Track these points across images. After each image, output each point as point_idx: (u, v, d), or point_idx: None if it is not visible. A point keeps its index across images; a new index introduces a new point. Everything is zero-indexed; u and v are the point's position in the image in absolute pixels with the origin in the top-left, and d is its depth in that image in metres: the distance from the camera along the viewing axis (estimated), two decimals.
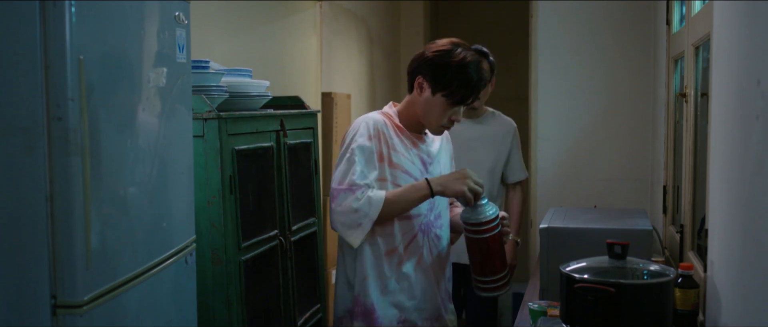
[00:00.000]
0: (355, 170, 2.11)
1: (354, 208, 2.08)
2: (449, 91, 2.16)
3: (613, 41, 3.65)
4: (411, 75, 2.23)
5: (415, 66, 2.21)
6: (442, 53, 2.17)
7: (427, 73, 2.17)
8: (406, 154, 2.21)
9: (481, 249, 2.25)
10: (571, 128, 3.71)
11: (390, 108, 2.29)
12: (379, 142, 2.16)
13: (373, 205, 2.09)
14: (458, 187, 2.15)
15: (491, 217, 2.21)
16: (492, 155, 3.33)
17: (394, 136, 2.21)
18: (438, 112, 2.19)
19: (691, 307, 2.05)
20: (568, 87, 3.71)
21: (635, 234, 2.35)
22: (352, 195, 2.09)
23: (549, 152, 3.72)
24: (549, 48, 3.72)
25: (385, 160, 2.17)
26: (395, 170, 2.18)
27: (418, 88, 2.19)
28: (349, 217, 2.10)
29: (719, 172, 1.91)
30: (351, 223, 2.10)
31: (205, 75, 2.24)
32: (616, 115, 3.65)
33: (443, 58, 2.16)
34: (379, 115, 2.23)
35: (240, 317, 2.23)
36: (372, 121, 2.18)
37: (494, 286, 2.30)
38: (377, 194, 2.11)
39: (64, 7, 1.39)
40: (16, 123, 1.41)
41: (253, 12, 3.47)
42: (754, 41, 1.55)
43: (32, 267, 1.42)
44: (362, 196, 2.09)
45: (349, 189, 2.10)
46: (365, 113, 2.31)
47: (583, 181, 3.69)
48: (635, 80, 3.63)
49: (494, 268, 2.28)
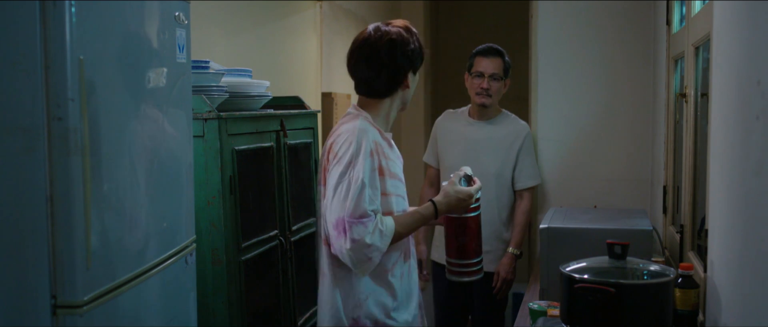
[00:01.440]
0: (364, 197, 2.01)
1: (368, 243, 2.00)
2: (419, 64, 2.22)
3: (613, 41, 3.64)
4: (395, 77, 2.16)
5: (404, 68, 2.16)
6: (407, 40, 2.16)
7: (410, 65, 2.18)
8: (394, 160, 2.18)
9: (459, 229, 2.24)
10: (571, 128, 3.70)
11: (364, 112, 2.19)
12: (378, 156, 2.09)
13: (385, 237, 2.04)
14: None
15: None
16: (498, 159, 3.27)
17: (384, 144, 2.15)
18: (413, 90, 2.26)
19: (691, 308, 2.05)
20: (568, 87, 3.71)
21: (635, 234, 2.35)
22: (364, 228, 2.00)
23: (549, 152, 3.71)
24: (549, 48, 3.72)
25: (385, 173, 2.10)
26: (393, 180, 2.14)
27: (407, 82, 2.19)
28: (361, 252, 2.01)
29: (719, 173, 1.91)
30: (362, 258, 2.02)
31: (205, 75, 2.24)
32: (616, 115, 3.65)
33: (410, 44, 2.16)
34: (367, 123, 2.13)
35: (240, 317, 2.23)
36: (369, 133, 2.09)
37: (467, 270, 2.27)
38: (387, 226, 2.05)
39: (64, 7, 1.39)
40: (16, 123, 1.41)
41: (253, 12, 3.47)
42: (754, 41, 1.55)
43: (32, 267, 1.42)
44: (374, 229, 2.01)
45: (361, 223, 2.00)
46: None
47: (583, 181, 3.69)
48: (635, 80, 3.62)
49: (469, 251, 2.26)
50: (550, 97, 3.72)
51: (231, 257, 2.20)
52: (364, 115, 2.16)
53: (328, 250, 2.11)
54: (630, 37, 3.62)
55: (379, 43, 2.13)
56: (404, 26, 2.19)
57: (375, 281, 2.13)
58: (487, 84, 3.24)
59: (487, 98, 3.25)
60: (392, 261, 2.16)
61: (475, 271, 2.28)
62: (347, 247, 2.00)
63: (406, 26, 2.20)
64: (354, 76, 2.20)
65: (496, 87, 3.26)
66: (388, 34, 2.14)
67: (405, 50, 2.14)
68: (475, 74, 3.29)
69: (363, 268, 2.05)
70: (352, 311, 2.11)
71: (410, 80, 2.20)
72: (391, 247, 2.11)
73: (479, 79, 3.27)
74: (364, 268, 2.06)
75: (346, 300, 2.11)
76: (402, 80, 2.17)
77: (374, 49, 2.13)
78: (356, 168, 2.03)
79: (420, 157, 3.74)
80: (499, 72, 3.27)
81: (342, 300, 2.12)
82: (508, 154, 3.28)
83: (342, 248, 2.01)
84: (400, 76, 2.16)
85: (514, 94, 3.73)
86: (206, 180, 2.15)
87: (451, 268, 2.29)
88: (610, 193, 3.63)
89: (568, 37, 3.70)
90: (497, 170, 3.26)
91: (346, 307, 2.11)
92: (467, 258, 2.26)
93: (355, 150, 2.04)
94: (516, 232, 3.27)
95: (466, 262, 2.26)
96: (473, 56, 3.35)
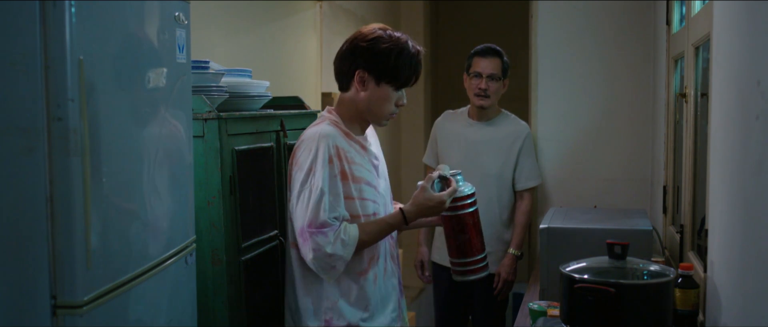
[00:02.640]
0: (324, 206, 2.01)
1: (328, 252, 2.01)
2: (394, 76, 2.10)
3: (613, 41, 3.65)
4: (346, 72, 2.14)
5: (350, 61, 2.12)
6: (377, 40, 2.10)
7: (367, 64, 2.10)
8: (362, 164, 2.14)
9: (456, 227, 2.21)
10: (571, 128, 3.70)
11: (332, 114, 2.19)
12: (340, 161, 2.07)
13: (347, 247, 2.04)
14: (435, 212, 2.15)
15: (467, 193, 2.19)
16: (498, 161, 3.25)
17: (349, 148, 2.12)
18: (385, 102, 2.14)
19: (691, 308, 2.05)
20: (568, 87, 3.71)
21: (635, 234, 2.35)
22: (324, 238, 2.01)
23: (549, 152, 3.71)
24: (549, 48, 3.72)
25: (348, 178, 2.09)
26: (359, 185, 2.12)
27: (359, 82, 2.12)
28: (324, 261, 2.03)
29: (719, 172, 1.91)
30: (325, 266, 2.04)
31: (205, 75, 2.24)
32: (616, 115, 3.65)
33: (380, 45, 2.09)
34: (331, 128, 2.11)
35: (240, 317, 2.23)
36: (328, 138, 2.07)
37: (471, 269, 2.25)
38: (350, 235, 2.04)
39: (64, 8, 1.39)
40: (16, 123, 1.41)
41: (253, 12, 3.47)
42: (754, 41, 1.55)
43: (32, 267, 1.42)
44: (335, 238, 2.01)
45: (320, 232, 2.01)
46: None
47: (583, 181, 3.69)
48: (635, 80, 3.62)
49: (471, 248, 2.23)
50: (550, 97, 3.72)
51: (231, 257, 2.20)
52: (333, 118, 2.16)
53: (297, 254, 2.13)
54: (630, 37, 3.62)
55: (352, 34, 2.16)
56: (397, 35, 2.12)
57: (346, 284, 2.14)
58: (485, 84, 3.22)
59: (485, 99, 3.23)
60: (364, 264, 2.16)
61: (479, 268, 2.26)
62: (310, 256, 2.02)
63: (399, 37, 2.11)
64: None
65: (494, 87, 3.23)
66: (368, 29, 2.14)
67: (357, 46, 2.11)
68: (473, 75, 3.27)
69: (328, 275, 2.08)
70: (323, 314, 2.12)
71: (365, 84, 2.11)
72: (364, 251, 2.13)
73: (477, 80, 3.25)
74: (329, 276, 2.08)
75: (318, 302, 2.13)
76: (349, 75, 2.13)
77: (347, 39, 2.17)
78: (316, 176, 2.03)
79: (420, 157, 3.74)
80: (498, 72, 3.24)
81: (313, 303, 2.13)
82: (509, 154, 3.26)
83: (306, 256, 2.04)
84: (346, 69, 2.13)
85: (514, 94, 3.73)
86: (206, 180, 2.15)
87: (455, 268, 2.28)
88: (610, 193, 3.63)
89: (568, 38, 3.71)
90: (498, 171, 3.24)
91: (318, 310, 2.12)
92: (469, 256, 2.24)
93: (313, 157, 2.04)
94: (516, 233, 3.26)
95: (468, 260, 2.24)
96: (471, 57, 3.33)
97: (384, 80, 2.11)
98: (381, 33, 2.12)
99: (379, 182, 2.23)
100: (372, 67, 2.11)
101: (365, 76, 2.12)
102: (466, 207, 2.20)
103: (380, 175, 2.25)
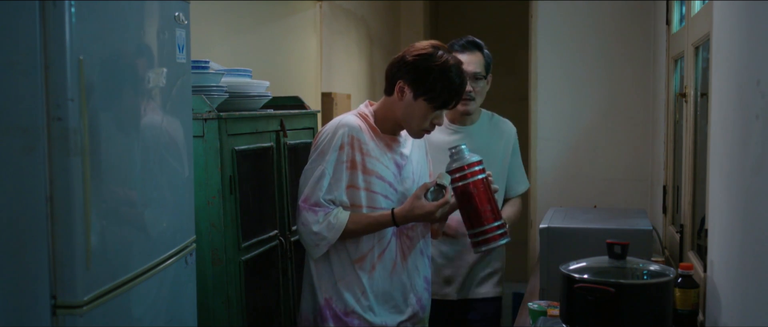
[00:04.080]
0: (321, 186, 2.13)
1: (314, 230, 2.13)
2: (432, 96, 2.15)
3: (612, 41, 3.65)
4: (390, 79, 2.21)
5: (396, 70, 2.19)
6: (423, 57, 2.15)
7: (408, 77, 2.16)
8: (380, 159, 2.20)
9: (467, 196, 2.18)
10: (571, 128, 3.71)
11: (366, 107, 2.26)
12: (353, 150, 2.14)
13: (332, 230, 2.13)
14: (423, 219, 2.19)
15: (476, 159, 2.19)
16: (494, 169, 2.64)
17: (369, 141, 2.18)
18: (420, 117, 2.18)
19: (691, 307, 2.05)
20: (568, 87, 3.71)
21: (635, 234, 2.35)
22: (313, 216, 2.12)
23: (549, 152, 3.71)
24: (549, 48, 3.72)
25: (358, 168, 2.15)
26: (369, 176, 2.18)
27: (399, 92, 2.18)
28: (309, 237, 2.15)
29: (719, 172, 1.91)
30: (310, 242, 2.16)
31: (205, 75, 2.24)
32: (615, 115, 3.65)
33: (425, 62, 2.15)
34: (354, 119, 2.20)
35: (240, 317, 2.23)
36: (347, 127, 2.15)
37: (485, 237, 2.20)
38: (339, 220, 2.12)
39: (64, 8, 1.39)
40: (16, 123, 1.41)
41: (253, 12, 3.47)
42: (754, 41, 1.55)
43: (32, 267, 1.43)
44: (323, 219, 2.12)
45: (312, 210, 2.13)
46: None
47: (582, 181, 3.69)
48: (635, 80, 3.63)
49: (485, 215, 2.19)
50: (549, 97, 3.72)
51: (231, 257, 2.20)
52: (364, 112, 2.24)
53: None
54: (630, 37, 3.62)
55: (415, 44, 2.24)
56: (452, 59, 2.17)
57: (342, 268, 2.21)
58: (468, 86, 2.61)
59: (470, 103, 2.69)
60: (360, 252, 2.20)
61: (498, 235, 2.20)
62: (298, 230, 2.17)
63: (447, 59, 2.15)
64: None
65: (479, 88, 2.71)
66: (414, 45, 2.23)
67: (405, 57, 2.19)
68: None
69: (312, 251, 2.19)
70: (325, 292, 2.21)
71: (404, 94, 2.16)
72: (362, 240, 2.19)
73: None
74: (312, 252, 2.19)
75: (321, 280, 2.21)
76: (393, 81, 2.20)
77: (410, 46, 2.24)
78: (324, 157, 2.14)
79: None
80: (481, 70, 2.70)
81: (317, 278, 2.22)
82: (503, 161, 2.81)
83: (298, 228, 2.18)
84: (391, 76, 2.21)
85: (514, 94, 3.73)
86: (206, 180, 2.15)
87: (473, 240, 2.23)
88: (610, 192, 3.63)
89: (567, 38, 3.71)
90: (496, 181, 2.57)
91: (321, 286, 2.21)
92: (483, 224, 2.19)
93: (328, 140, 2.15)
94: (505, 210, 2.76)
95: (481, 229, 2.19)
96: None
97: (421, 96, 2.16)
98: (431, 50, 2.17)
99: (401, 181, 2.25)
100: (411, 82, 2.16)
101: (404, 88, 2.18)
102: (474, 174, 2.18)
103: (405, 175, 2.27)
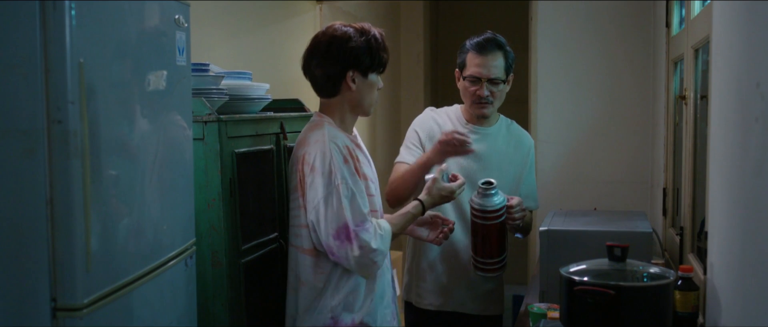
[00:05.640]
0: (357, 203, 2.10)
1: (373, 247, 2.09)
2: (378, 64, 2.20)
3: (612, 43, 3.65)
4: (335, 77, 2.17)
5: (339, 65, 2.15)
6: (353, 37, 2.15)
7: (356, 63, 2.16)
8: (365, 162, 2.23)
9: (482, 233, 2.45)
10: (571, 130, 3.71)
11: (326, 117, 2.22)
12: (353, 159, 2.15)
13: (384, 240, 2.14)
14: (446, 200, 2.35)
15: (497, 206, 2.41)
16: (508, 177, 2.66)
17: (355, 148, 2.20)
18: (373, 90, 2.24)
19: (691, 310, 2.05)
20: (567, 89, 3.71)
21: (635, 236, 2.35)
22: (368, 234, 2.08)
23: (549, 155, 3.71)
24: (549, 50, 3.72)
25: (360, 175, 2.17)
26: (366, 181, 2.20)
27: (351, 81, 2.18)
28: (367, 257, 2.09)
29: (719, 175, 1.91)
30: (368, 262, 2.10)
31: (205, 78, 2.24)
32: (615, 117, 3.65)
33: (359, 41, 2.16)
34: (334, 129, 2.18)
35: (240, 320, 2.23)
36: (337, 139, 2.14)
37: (490, 267, 2.50)
38: (384, 229, 2.15)
39: (65, 10, 1.39)
40: (16, 126, 1.41)
41: (252, 14, 3.47)
42: (754, 43, 1.55)
43: (32, 270, 1.42)
44: (375, 232, 2.10)
45: (364, 228, 2.08)
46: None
47: (582, 184, 3.69)
48: (635, 82, 3.63)
49: (492, 252, 2.48)
50: (549, 99, 3.72)
51: (231, 260, 2.20)
52: (328, 119, 2.21)
53: (312, 260, 2.17)
54: (630, 40, 3.62)
55: (321, 40, 2.19)
56: (359, 26, 2.19)
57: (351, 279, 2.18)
58: (485, 91, 2.56)
59: (487, 106, 2.59)
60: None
61: (497, 268, 2.51)
62: (356, 254, 2.06)
63: (362, 27, 2.19)
64: (306, 75, 2.26)
65: (498, 92, 2.59)
66: (332, 30, 2.18)
67: (343, 47, 2.15)
68: (468, 78, 2.59)
69: (369, 271, 2.15)
70: (331, 311, 2.17)
71: (355, 81, 2.18)
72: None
73: (475, 86, 2.58)
74: (370, 271, 2.15)
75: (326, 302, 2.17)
76: (341, 79, 2.18)
77: (317, 46, 2.19)
78: (340, 176, 2.09)
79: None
80: (501, 74, 2.57)
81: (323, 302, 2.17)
82: (517, 170, 2.70)
83: (348, 256, 2.08)
84: (337, 74, 2.17)
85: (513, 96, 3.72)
86: (206, 183, 2.15)
87: (475, 263, 2.53)
88: (610, 195, 3.63)
89: (567, 40, 3.71)
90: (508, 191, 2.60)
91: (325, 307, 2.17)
92: (492, 257, 2.49)
93: (330, 160, 2.09)
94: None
95: (489, 260, 2.49)
96: (466, 52, 2.62)
97: (371, 72, 2.21)
98: (350, 30, 2.18)
99: (376, 179, 2.31)
100: (359, 64, 2.17)
101: (355, 75, 2.18)
102: (495, 218, 2.43)
103: (374, 172, 2.32)
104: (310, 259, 2.18)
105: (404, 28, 5.74)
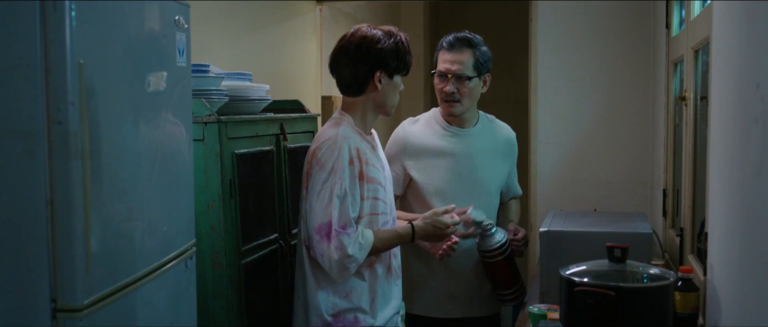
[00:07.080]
0: (347, 206, 2.12)
1: (349, 254, 2.11)
2: (402, 66, 2.25)
3: (612, 44, 3.65)
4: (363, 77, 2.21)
5: (368, 65, 2.19)
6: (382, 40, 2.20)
7: (384, 65, 2.20)
8: (375, 164, 2.24)
9: (494, 270, 2.57)
10: (571, 131, 3.70)
11: (347, 116, 2.25)
12: (360, 163, 2.16)
13: (363, 250, 2.15)
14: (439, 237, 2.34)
15: (501, 242, 2.51)
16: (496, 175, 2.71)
17: (365, 149, 2.21)
18: (395, 92, 2.29)
19: (691, 311, 2.05)
20: (567, 90, 3.71)
21: (635, 237, 2.35)
22: (348, 238, 2.10)
23: (549, 155, 3.71)
24: (549, 51, 3.72)
25: (364, 179, 2.17)
26: (373, 185, 2.20)
27: (378, 82, 2.22)
28: (342, 262, 2.11)
29: (719, 176, 1.91)
30: (342, 267, 2.12)
31: (205, 79, 2.25)
32: (615, 118, 3.65)
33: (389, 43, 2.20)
34: (350, 130, 2.20)
35: (240, 321, 2.23)
36: (349, 139, 2.16)
37: (511, 297, 2.64)
38: (367, 240, 2.15)
39: (65, 11, 1.39)
40: (17, 127, 1.41)
41: (253, 15, 3.47)
42: (754, 45, 1.55)
43: (32, 271, 1.43)
44: (355, 240, 2.11)
45: (346, 232, 2.10)
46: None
47: (582, 185, 3.69)
48: (635, 83, 3.63)
49: (507, 283, 2.60)
50: (549, 99, 3.72)
51: (231, 261, 2.20)
52: (347, 119, 2.24)
53: (308, 253, 2.20)
54: (629, 41, 3.62)
55: (350, 40, 2.22)
56: (387, 29, 2.24)
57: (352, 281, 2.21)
58: (450, 87, 2.57)
59: (455, 105, 2.59)
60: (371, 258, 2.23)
61: (512, 298, 2.65)
62: (331, 254, 2.10)
63: (390, 30, 2.24)
64: (333, 73, 2.29)
65: (466, 89, 2.58)
66: (362, 32, 2.22)
67: (372, 48, 2.20)
68: (437, 74, 2.62)
69: (341, 275, 2.16)
70: (331, 308, 2.19)
71: (381, 81, 2.22)
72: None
73: (443, 82, 2.60)
74: (342, 276, 2.16)
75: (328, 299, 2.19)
76: (369, 79, 2.22)
77: (346, 46, 2.23)
78: (338, 175, 2.11)
79: None
80: (467, 70, 2.57)
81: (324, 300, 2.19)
82: (507, 165, 2.77)
83: (324, 253, 2.11)
84: (365, 74, 2.21)
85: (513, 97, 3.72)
86: (206, 183, 2.15)
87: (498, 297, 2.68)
88: (610, 196, 3.63)
89: (567, 40, 3.71)
90: (496, 188, 2.72)
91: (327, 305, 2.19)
92: (503, 289, 2.62)
93: (336, 157, 2.12)
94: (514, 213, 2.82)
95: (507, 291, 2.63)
96: (439, 50, 2.67)
97: (397, 73, 2.26)
98: (378, 32, 2.22)
99: (387, 183, 2.30)
100: (387, 65, 2.21)
101: (381, 76, 2.22)
102: (501, 254, 2.52)
103: (387, 176, 2.32)
104: (306, 251, 2.21)
105: (404, 28, 5.71)
